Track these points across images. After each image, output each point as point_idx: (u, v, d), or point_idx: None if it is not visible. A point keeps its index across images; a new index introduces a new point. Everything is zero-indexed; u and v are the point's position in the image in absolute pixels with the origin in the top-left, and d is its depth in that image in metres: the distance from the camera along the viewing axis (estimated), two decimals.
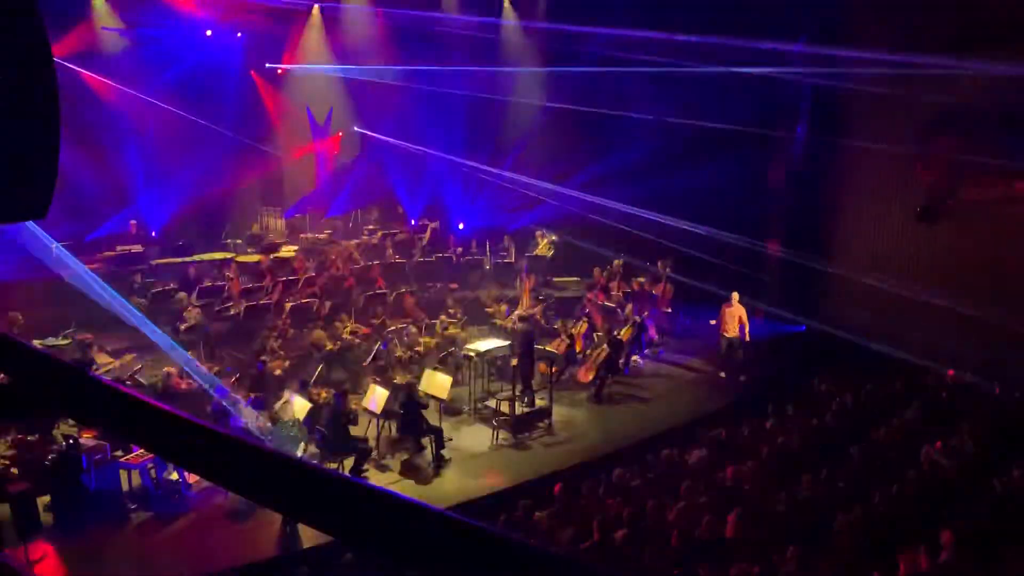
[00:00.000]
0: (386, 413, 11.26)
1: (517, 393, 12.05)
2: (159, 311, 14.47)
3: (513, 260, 17.92)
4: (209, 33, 18.50)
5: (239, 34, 19.15)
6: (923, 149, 14.46)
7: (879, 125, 15.09)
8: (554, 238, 18.02)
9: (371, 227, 20.16)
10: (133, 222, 17.30)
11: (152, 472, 9.97)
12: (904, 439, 10.40)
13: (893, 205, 14.97)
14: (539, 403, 12.40)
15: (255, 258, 17.22)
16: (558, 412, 12.41)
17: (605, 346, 13.43)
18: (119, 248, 16.64)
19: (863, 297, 15.58)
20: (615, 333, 13.79)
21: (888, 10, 14.90)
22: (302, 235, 19.88)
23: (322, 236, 19.74)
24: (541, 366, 13.38)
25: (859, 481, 9.12)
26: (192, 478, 9.97)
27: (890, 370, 13.43)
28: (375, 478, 10.64)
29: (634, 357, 14.41)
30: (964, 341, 13.53)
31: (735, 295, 14.14)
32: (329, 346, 13.07)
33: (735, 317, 14.04)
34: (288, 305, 14.42)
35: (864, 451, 9.95)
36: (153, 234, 18.11)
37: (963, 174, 14.07)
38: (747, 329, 14.06)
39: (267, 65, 19.83)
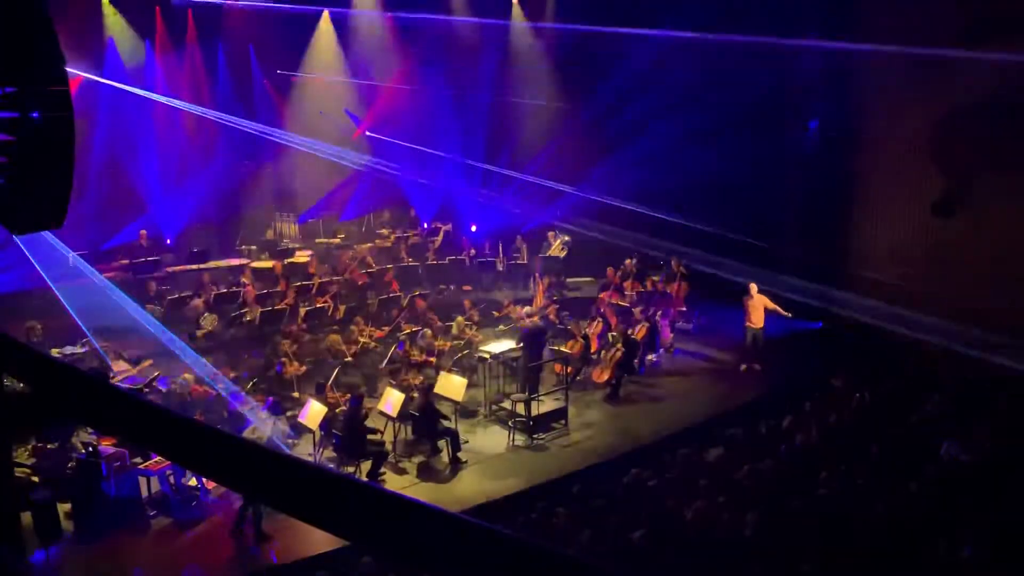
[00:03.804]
0: (402, 416, 11.29)
1: (528, 393, 12.05)
2: (175, 318, 14.57)
3: (526, 261, 17.93)
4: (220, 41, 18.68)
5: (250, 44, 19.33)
6: (938, 141, 14.34)
7: (894, 117, 14.99)
8: (567, 238, 18.01)
9: (384, 231, 20.21)
10: (143, 232, 17.32)
11: (171, 478, 10.03)
12: (923, 435, 10.31)
13: (909, 199, 14.85)
14: (554, 404, 12.36)
15: (269, 264, 17.30)
16: (574, 413, 12.39)
17: (620, 346, 13.40)
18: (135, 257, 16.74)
19: (880, 292, 15.47)
20: (629, 333, 13.75)
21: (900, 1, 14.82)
22: (316, 240, 19.96)
23: (335, 240, 19.81)
24: (556, 366, 13.38)
25: (878, 478, 9.05)
26: (211, 484, 10.02)
27: (908, 365, 13.33)
28: (392, 482, 10.67)
29: (649, 356, 14.37)
30: (983, 334, 13.42)
31: (753, 286, 14.08)
32: (344, 350, 13.10)
33: (758, 308, 13.97)
34: (303, 310, 14.49)
35: (883, 448, 9.87)
36: (168, 241, 18.23)
37: (979, 166, 13.95)
38: (781, 311, 14.01)
39: (279, 72, 19.94)
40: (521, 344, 13.11)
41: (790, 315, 14.18)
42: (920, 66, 14.15)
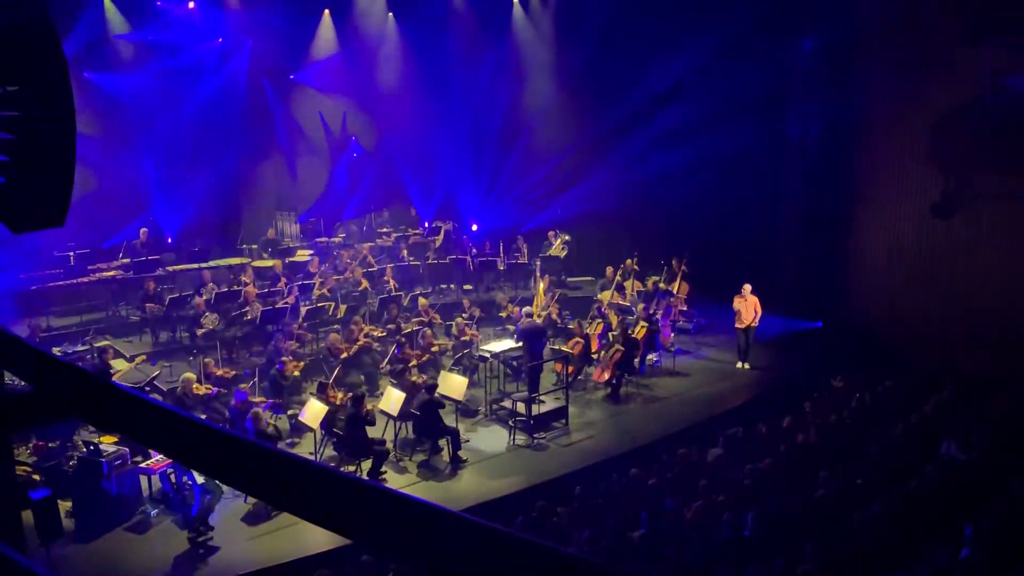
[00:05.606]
0: (403, 415, 11.29)
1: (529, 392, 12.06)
2: (175, 317, 14.57)
3: (526, 260, 17.93)
4: (220, 40, 18.64)
5: (249, 42, 19.28)
6: (937, 143, 14.34)
7: (894, 117, 15.00)
8: (567, 238, 18.02)
9: (385, 230, 20.20)
10: (144, 230, 17.31)
11: (172, 477, 10.03)
12: (922, 435, 10.32)
13: (909, 200, 14.87)
14: (554, 404, 12.37)
15: (270, 262, 17.29)
16: (574, 412, 12.40)
17: (620, 345, 13.40)
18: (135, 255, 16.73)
19: (880, 292, 15.48)
20: (630, 332, 13.75)
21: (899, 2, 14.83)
22: (316, 239, 19.94)
23: (336, 239, 19.80)
24: (557, 366, 13.38)
25: (877, 478, 9.07)
26: None
27: (908, 365, 13.34)
28: (393, 480, 10.68)
29: (650, 356, 14.37)
30: (981, 334, 13.44)
31: (747, 287, 14.14)
32: (345, 349, 13.11)
33: (749, 308, 14.06)
34: (304, 308, 14.49)
35: (882, 447, 9.88)
36: (169, 240, 18.22)
37: (978, 167, 13.95)
38: (757, 317, 14.12)
39: (291, 77, 19.90)
40: (521, 343, 13.12)
41: (755, 325, 14.28)
42: (920, 66, 14.17)
